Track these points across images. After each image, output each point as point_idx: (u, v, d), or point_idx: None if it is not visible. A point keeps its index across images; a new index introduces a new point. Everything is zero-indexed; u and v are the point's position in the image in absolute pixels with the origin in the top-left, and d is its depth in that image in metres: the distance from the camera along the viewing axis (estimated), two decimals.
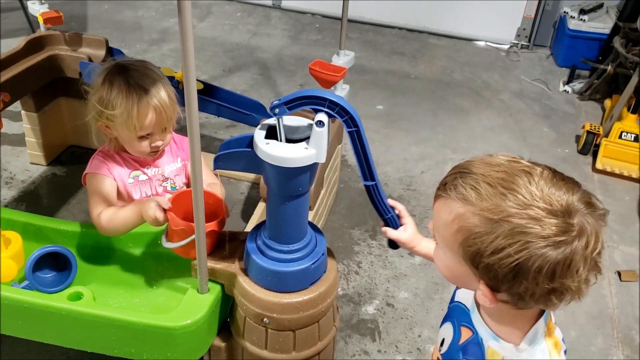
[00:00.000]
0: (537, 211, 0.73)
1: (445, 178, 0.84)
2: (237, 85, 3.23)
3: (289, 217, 1.23)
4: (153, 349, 1.30)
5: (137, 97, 1.38)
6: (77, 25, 3.73)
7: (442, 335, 1.00)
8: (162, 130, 1.46)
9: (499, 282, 0.77)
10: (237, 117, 2.14)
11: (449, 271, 0.86)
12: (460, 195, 0.78)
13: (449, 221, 0.80)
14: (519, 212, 0.73)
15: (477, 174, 0.79)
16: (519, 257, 0.73)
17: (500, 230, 0.74)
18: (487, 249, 0.75)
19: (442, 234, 0.83)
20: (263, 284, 1.27)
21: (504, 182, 0.76)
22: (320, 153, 1.13)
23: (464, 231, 0.78)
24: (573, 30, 3.54)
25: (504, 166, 0.79)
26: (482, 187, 0.77)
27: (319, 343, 1.35)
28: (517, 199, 0.74)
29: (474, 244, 0.76)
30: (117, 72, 1.42)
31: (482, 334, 0.89)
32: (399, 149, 2.81)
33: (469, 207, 0.77)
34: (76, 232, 1.51)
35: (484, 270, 0.77)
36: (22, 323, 1.33)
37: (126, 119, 1.39)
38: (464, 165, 0.82)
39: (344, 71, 1.89)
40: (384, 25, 4.10)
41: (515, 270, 0.74)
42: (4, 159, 2.50)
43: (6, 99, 1.97)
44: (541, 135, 3.01)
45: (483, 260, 0.76)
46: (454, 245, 0.80)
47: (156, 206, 1.32)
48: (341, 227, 2.29)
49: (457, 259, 0.81)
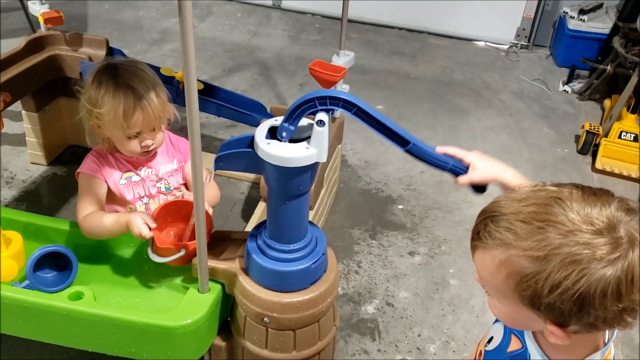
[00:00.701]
0: (581, 235, 0.70)
1: (477, 226, 0.80)
2: (237, 85, 3.24)
3: (290, 217, 1.23)
4: (153, 349, 1.30)
5: (124, 95, 1.38)
6: (78, 25, 3.73)
7: (492, 332, 0.97)
8: (151, 130, 1.45)
9: (567, 318, 0.73)
10: (238, 117, 2.15)
11: (511, 319, 0.82)
12: (498, 240, 0.75)
13: (494, 270, 0.76)
14: (563, 241, 0.70)
15: (508, 214, 0.75)
16: (578, 287, 0.69)
17: (551, 266, 0.70)
18: (544, 288, 0.71)
19: (491, 284, 0.79)
20: (263, 283, 1.27)
21: (537, 215, 0.73)
22: (322, 152, 1.14)
23: (514, 276, 0.74)
24: (573, 30, 3.54)
25: (531, 198, 0.75)
26: (517, 227, 0.73)
27: (319, 342, 1.35)
28: (557, 229, 0.71)
29: (528, 287, 0.72)
30: (107, 71, 1.43)
31: (531, 351, 0.85)
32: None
33: (511, 250, 0.73)
34: (77, 232, 1.51)
35: (547, 310, 0.73)
36: (22, 322, 1.33)
37: (113, 117, 1.39)
38: (491, 209, 0.78)
39: (344, 71, 1.89)
40: (384, 26, 4.10)
41: (579, 302, 0.70)
42: (5, 158, 2.50)
43: (7, 99, 1.97)
44: (541, 135, 3.01)
45: (543, 301, 0.72)
46: (508, 292, 0.76)
47: (142, 223, 1.32)
48: (341, 227, 2.29)
49: (516, 305, 0.77)
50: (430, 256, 2.19)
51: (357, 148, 2.76)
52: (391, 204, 2.44)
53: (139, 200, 1.54)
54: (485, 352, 0.96)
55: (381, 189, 2.53)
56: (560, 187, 0.76)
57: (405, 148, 1.11)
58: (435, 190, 2.52)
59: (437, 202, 2.45)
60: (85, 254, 1.48)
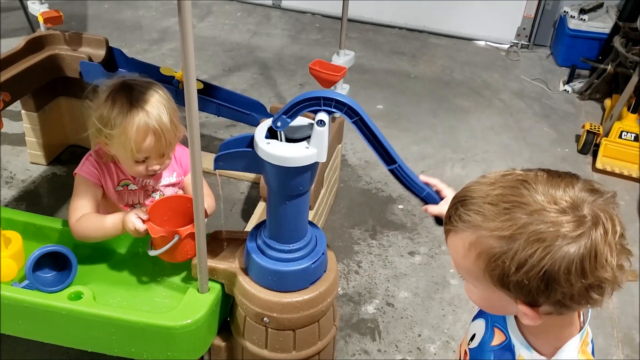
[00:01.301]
0: (546, 214, 0.72)
1: (448, 211, 0.82)
2: (237, 85, 3.23)
3: (289, 217, 1.23)
4: (153, 349, 1.30)
5: (137, 120, 1.34)
6: (77, 25, 3.73)
7: (473, 330, 0.99)
8: (160, 156, 1.42)
9: (535, 296, 0.74)
10: (237, 116, 2.15)
11: (486, 302, 0.84)
12: (467, 223, 0.77)
13: (465, 252, 0.78)
14: (528, 220, 0.72)
15: (476, 198, 0.78)
16: (543, 264, 0.71)
17: (517, 244, 0.72)
18: (511, 266, 0.73)
19: (464, 267, 0.81)
20: (263, 283, 1.27)
21: (504, 197, 0.75)
22: (321, 152, 1.14)
23: (483, 257, 0.76)
24: (573, 29, 3.53)
25: (498, 182, 0.78)
26: (485, 209, 0.76)
27: (319, 342, 1.35)
28: (523, 209, 0.73)
29: (496, 267, 0.74)
30: (122, 91, 1.38)
31: (515, 341, 0.87)
32: (399, 148, 2.79)
33: (479, 232, 0.76)
34: None
35: (516, 288, 0.74)
36: (22, 322, 1.33)
37: (124, 140, 1.35)
38: (461, 194, 0.81)
39: (344, 71, 1.89)
40: (384, 25, 4.10)
41: (545, 279, 0.72)
42: (4, 158, 2.50)
43: (6, 99, 1.97)
44: (541, 135, 3.01)
45: (511, 279, 0.74)
46: (479, 273, 0.78)
47: (135, 217, 1.32)
48: (341, 227, 2.29)
49: (488, 286, 0.79)
50: (431, 256, 2.19)
51: (357, 148, 2.75)
52: (391, 203, 2.44)
53: (131, 207, 1.53)
54: (470, 351, 0.97)
55: (381, 188, 2.53)
56: (527, 171, 0.78)
57: (390, 167, 1.16)
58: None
59: None
60: (85, 253, 1.48)
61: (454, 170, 2.66)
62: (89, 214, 1.42)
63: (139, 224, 1.31)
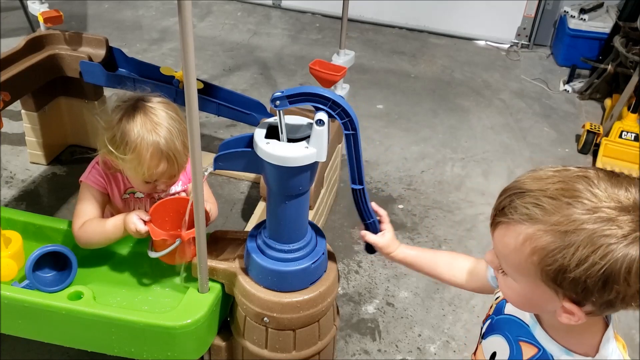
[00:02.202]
0: (608, 212, 0.71)
1: (500, 202, 0.80)
2: (237, 85, 3.23)
3: (289, 217, 1.23)
4: (153, 349, 1.30)
5: (152, 146, 1.33)
6: (77, 25, 3.73)
7: (491, 348, 0.95)
8: (170, 177, 1.42)
9: (588, 294, 0.73)
10: (237, 116, 2.14)
11: (524, 298, 0.82)
12: (524, 216, 0.75)
13: (517, 245, 0.76)
14: (591, 217, 0.71)
15: (534, 191, 0.76)
16: (605, 262, 0.70)
17: (579, 240, 0.71)
18: (571, 262, 0.71)
19: (511, 262, 0.79)
20: (263, 283, 1.27)
21: (564, 191, 0.74)
22: (321, 152, 1.13)
23: (539, 251, 0.74)
24: (573, 29, 3.53)
25: (557, 177, 0.76)
26: (544, 202, 0.74)
27: (319, 342, 1.35)
28: (585, 204, 0.72)
29: (554, 262, 0.73)
30: (134, 113, 1.36)
31: (551, 350, 0.85)
32: (399, 148, 2.81)
33: (537, 225, 0.74)
34: None
35: (571, 285, 0.73)
36: (22, 322, 1.33)
37: (136, 165, 1.35)
38: (516, 186, 0.79)
39: (344, 70, 1.89)
40: (384, 25, 4.10)
41: (604, 277, 0.71)
42: (4, 158, 2.50)
43: (6, 99, 1.97)
44: (541, 135, 3.01)
45: (568, 276, 0.72)
46: (530, 269, 0.76)
47: (137, 219, 1.32)
48: (341, 227, 2.29)
49: (535, 283, 0.77)
50: None
51: None
52: (391, 203, 2.44)
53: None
54: None
55: (381, 188, 2.52)
56: (586, 168, 0.77)
57: (357, 187, 1.21)
58: (435, 190, 2.51)
59: (437, 202, 2.44)
60: (85, 253, 1.47)
61: (454, 170, 2.65)
62: (92, 220, 1.42)
63: (140, 225, 1.31)
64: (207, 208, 1.30)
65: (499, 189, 0.82)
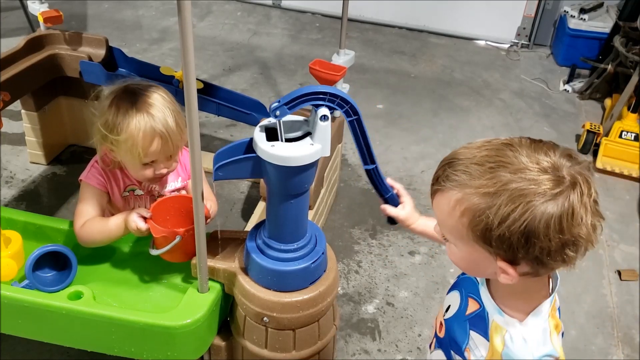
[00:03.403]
0: (528, 173, 0.77)
1: (436, 173, 0.87)
2: (237, 85, 3.23)
3: (289, 217, 1.23)
4: (153, 348, 1.30)
5: (143, 123, 1.34)
6: (77, 25, 3.73)
7: (448, 302, 1.03)
8: (167, 158, 1.42)
9: (515, 252, 0.79)
10: (237, 116, 2.14)
11: (466, 262, 0.89)
12: (454, 182, 0.82)
13: (450, 210, 0.83)
14: (512, 178, 0.77)
15: (464, 159, 0.83)
16: (525, 218, 0.76)
17: (501, 200, 0.77)
18: (494, 221, 0.77)
19: (448, 226, 0.86)
20: (263, 283, 1.27)
21: (489, 158, 0.80)
22: (326, 147, 1.15)
23: (467, 213, 0.80)
24: (573, 29, 3.53)
25: (485, 146, 0.83)
26: (471, 169, 0.81)
27: (319, 342, 1.35)
28: (507, 168, 0.78)
29: (480, 221, 0.79)
30: (125, 96, 1.38)
31: (488, 308, 0.91)
32: (399, 148, 2.81)
33: (465, 190, 0.80)
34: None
35: (497, 243, 0.79)
36: (22, 322, 1.33)
37: (131, 145, 1.35)
38: (449, 156, 0.86)
39: (344, 70, 1.89)
40: (384, 25, 4.10)
41: (525, 233, 0.76)
42: (4, 158, 2.50)
43: (6, 98, 1.97)
44: (541, 135, 2.99)
45: (493, 234, 0.78)
46: (462, 230, 0.82)
47: (138, 217, 1.32)
48: (341, 226, 2.29)
49: (470, 244, 0.83)
50: (431, 256, 2.19)
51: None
52: None
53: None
54: (445, 322, 1.01)
55: None
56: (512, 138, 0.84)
57: (369, 167, 1.22)
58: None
59: None
60: (85, 253, 1.47)
61: None
62: (93, 219, 1.42)
63: (141, 224, 1.32)
64: (207, 206, 1.30)
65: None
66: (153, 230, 1.31)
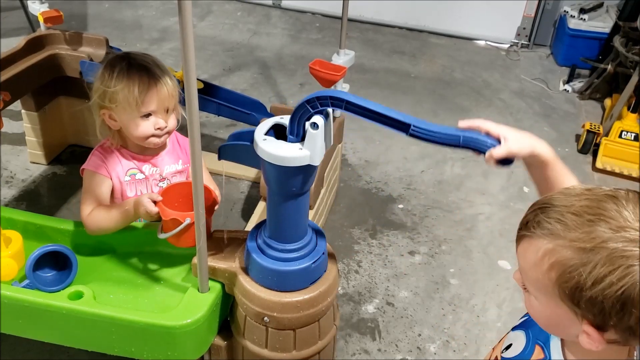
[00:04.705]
0: (632, 233, 0.69)
1: (526, 216, 0.79)
2: (237, 85, 3.23)
3: (289, 216, 1.23)
4: (153, 348, 1.30)
5: (138, 74, 1.42)
6: (77, 24, 3.73)
7: (510, 339, 0.96)
8: (164, 110, 1.46)
9: (606, 318, 0.71)
10: (238, 116, 2.14)
11: (546, 319, 0.80)
12: (546, 230, 0.74)
13: (537, 261, 0.75)
14: (613, 236, 0.69)
15: (560, 206, 0.74)
16: (623, 283, 0.68)
17: (598, 258, 0.69)
18: (587, 280, 0.69)
19: (532, 277, 0.77)
20: (263, 283, 1.27)
21: (589, 209, 0.72)
22: (315, 155, 1.13)
23: (557, 267, 0.72)
24: (573, 29, 3.53)
25: (585, 194, 0.74)
26: (567, 219, 0.72)
27: (319, 342, 1.35)
28: (608, 223, 0.70)
29: (570, 279, 0.71)
30: (118, 58, 1.46)
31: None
32: (399, 148, 2.81)
33: (557, 241, 0.72)
34: (77, 231, 1.50)
35: (587, 305, 0.71)
36: (22, 322, 1.33)
37: (127, 94, 1.40)
38: (543, 201, 0.78)
39: (344, 70, 1.89)
40: (384, 25, 4.10)
41: (622, 300, 0.68)
42: (4, 158, 2.50)
43: (6, 98, 1.97)
44: (541, 135, 2.98)
45: (584, 295, 0.70)
46: (549, 285, 0.74)
47: (148, 200, 1.34)
48: (341, 226, 2.29)
49: (554, 301, 0.75)
50: (431, 256, 2.19)
51: (357, 147, 2.75)
52: (391, 203, 2.44)
53: None
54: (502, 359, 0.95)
55: (381, 188, 2.53)
56: (617, 189, 0.75)
57: (408, 132, 1.04)
58: (435, 189, 2.51)
59: (437, 202, 2.44)
60: (85, 253, 1.48)
61: (454, 170, 2.65)
62: (100, 207, 1.44)
63: (151, 207, 1.33)
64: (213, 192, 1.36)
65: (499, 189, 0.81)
66: (162, 213, 1.31)
